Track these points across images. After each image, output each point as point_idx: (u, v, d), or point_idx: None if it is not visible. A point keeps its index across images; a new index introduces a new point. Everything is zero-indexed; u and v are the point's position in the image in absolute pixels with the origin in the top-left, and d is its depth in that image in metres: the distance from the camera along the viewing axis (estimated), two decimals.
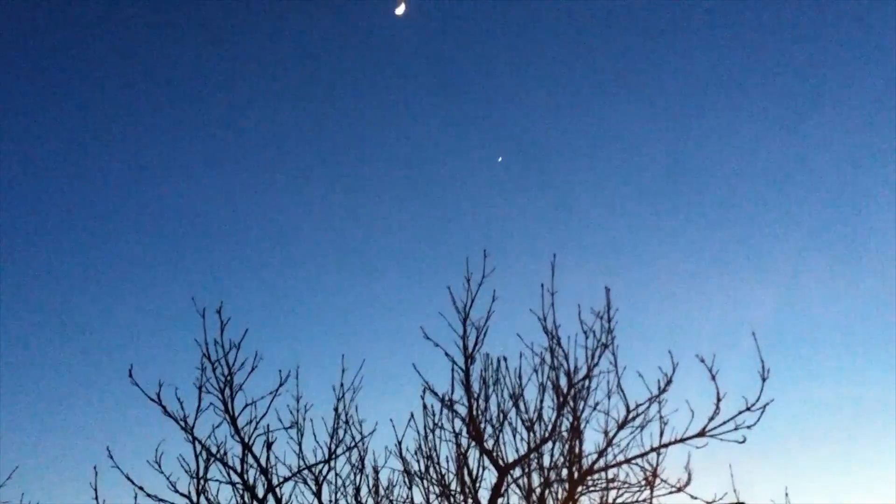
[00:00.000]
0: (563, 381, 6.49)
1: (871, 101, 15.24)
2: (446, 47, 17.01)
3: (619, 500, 6.47)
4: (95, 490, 6.38)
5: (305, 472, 6.69)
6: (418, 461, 6.59)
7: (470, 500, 6.48)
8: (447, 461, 6.59)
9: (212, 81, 17.34)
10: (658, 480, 6.37)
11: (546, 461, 6.48)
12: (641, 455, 6.37)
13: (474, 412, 6.57)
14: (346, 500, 6.69)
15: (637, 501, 6.44)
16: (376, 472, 6.74)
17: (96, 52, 16.85)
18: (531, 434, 6.47)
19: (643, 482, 6.40)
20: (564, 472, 6.45)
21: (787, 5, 15.65)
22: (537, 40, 16.80)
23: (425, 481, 6.57)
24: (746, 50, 16.20)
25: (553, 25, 16.54)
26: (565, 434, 6.47)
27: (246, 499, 6.59)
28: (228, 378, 6.62)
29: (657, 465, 6.36)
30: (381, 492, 6.69)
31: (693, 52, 16.54)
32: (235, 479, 6.57)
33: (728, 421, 6.19)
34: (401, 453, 6.62)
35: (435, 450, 6.59)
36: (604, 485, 6.49)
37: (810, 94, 15.94)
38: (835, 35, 15.59)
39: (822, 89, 15.88)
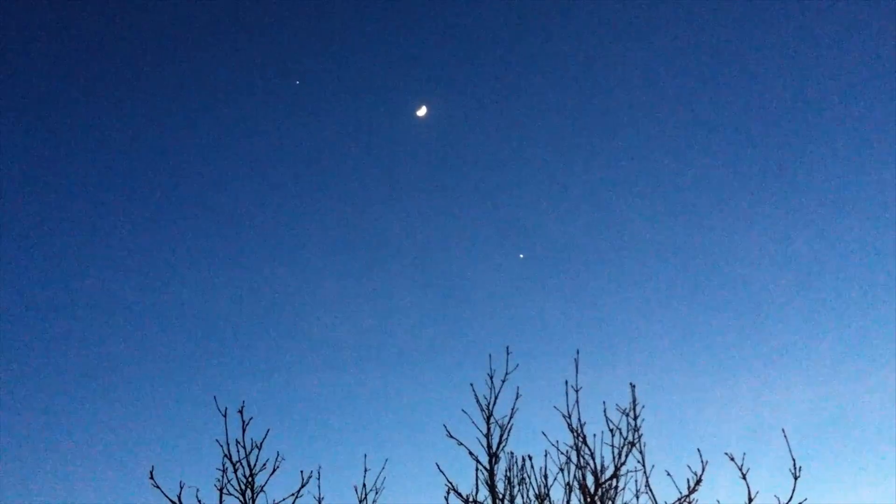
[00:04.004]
0: (590, 481, 6.38)
1: None
2: (467, 147, 17.43)
3: None
4: None
5: None
6: None
7: None
8: None
9: (238, 189, 17.78)
10: None
11: None
12: None
13: None
14: None
15: None
16: None
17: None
18: None
19: None
20: None
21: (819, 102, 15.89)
22: (558, 141, 17.16)
23: None
24: (771, 145, 16.45)
25: (573, 128, 16.92)
26: None
27: None
28: (250, 479, 6.55)
29: None
30: None
31: (715, 146, 16.79)
32: None
33: None
34: None
35: None
36: None
37: (841, 188, 16.06)
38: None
39: (853, 185, 15.99)
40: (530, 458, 6.51)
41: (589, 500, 6.32)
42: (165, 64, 17.30)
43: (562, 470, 6.42)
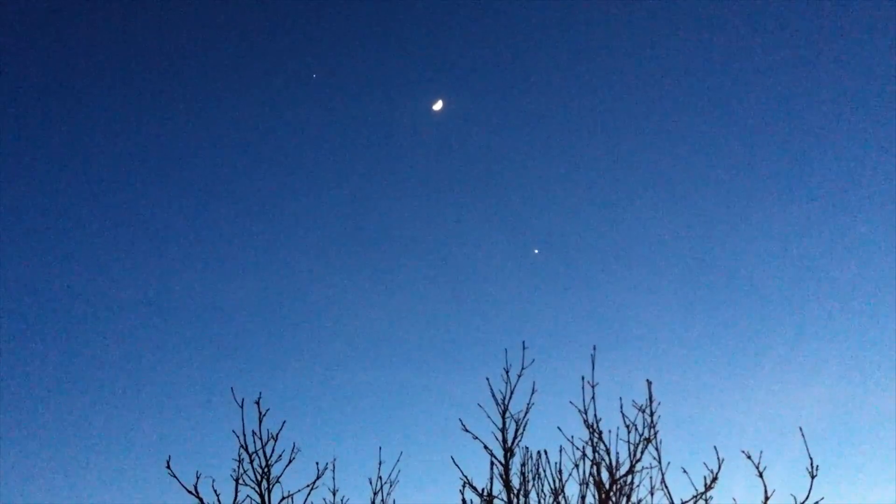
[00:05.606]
0: (605, 477, 6.35)
1: None
2: (483, 142, 17.39)
3: None
4: None
5: None
6: None
7: None
8: None
9: (255, 183, 17.84)
10: None
11: None
12: None
13: None
14: None
15: None
16: None
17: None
18: None
19: None
20: None
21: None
22: (574, 137, 17.10)
23: None
24: (788, 150, 16.30)
25: (589, 124, 16.84)
26: None
27: None
28: (266, 470, 6.57)
29: None
30: None
31: (730, 149, 16.68)
32: None
33: None
34: None
35: None
36: None
37: (858, 185, 15.90)
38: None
39: (869, 182, 15.83)
40: (545, 454, 6.51)
41: (604, 495, 6.31)
42: (181, 58, 17.37)
43: (577, 465, 6.41)
